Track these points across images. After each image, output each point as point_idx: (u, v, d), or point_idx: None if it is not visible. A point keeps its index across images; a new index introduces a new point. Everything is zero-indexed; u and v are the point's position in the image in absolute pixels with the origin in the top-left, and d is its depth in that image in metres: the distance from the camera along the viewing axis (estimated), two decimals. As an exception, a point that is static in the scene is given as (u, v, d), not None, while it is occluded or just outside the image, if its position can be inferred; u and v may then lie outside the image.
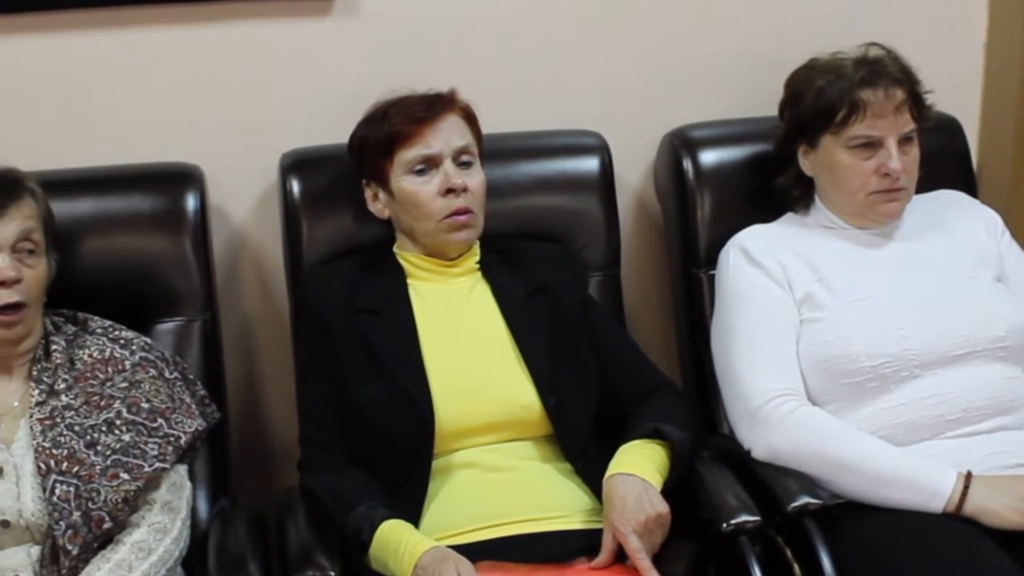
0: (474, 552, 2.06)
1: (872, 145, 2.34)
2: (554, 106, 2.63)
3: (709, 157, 2.57)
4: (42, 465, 2.06)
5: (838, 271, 2.37)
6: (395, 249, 2.36)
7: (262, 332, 2.62)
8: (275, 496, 2.42)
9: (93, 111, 2.50)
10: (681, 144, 2.58)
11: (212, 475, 2.33)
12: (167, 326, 2.38)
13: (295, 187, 2.43)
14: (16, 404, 2.15)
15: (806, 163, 2.43)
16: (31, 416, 2.11)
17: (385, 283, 2.30)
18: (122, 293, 2.35)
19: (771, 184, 2.50)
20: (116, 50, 2.49)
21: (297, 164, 2.45)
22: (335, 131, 2.40)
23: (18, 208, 2.14)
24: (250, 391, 2.63)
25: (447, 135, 2.28)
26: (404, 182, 2.28)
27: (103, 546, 2.07)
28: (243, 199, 2.57)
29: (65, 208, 2.28)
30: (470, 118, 2.34)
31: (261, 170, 2.52)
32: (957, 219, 2.48)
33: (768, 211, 2.50)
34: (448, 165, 2.27)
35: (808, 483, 2.20)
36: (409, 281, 2.31)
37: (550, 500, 2.17)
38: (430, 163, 2.27)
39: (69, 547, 2.03)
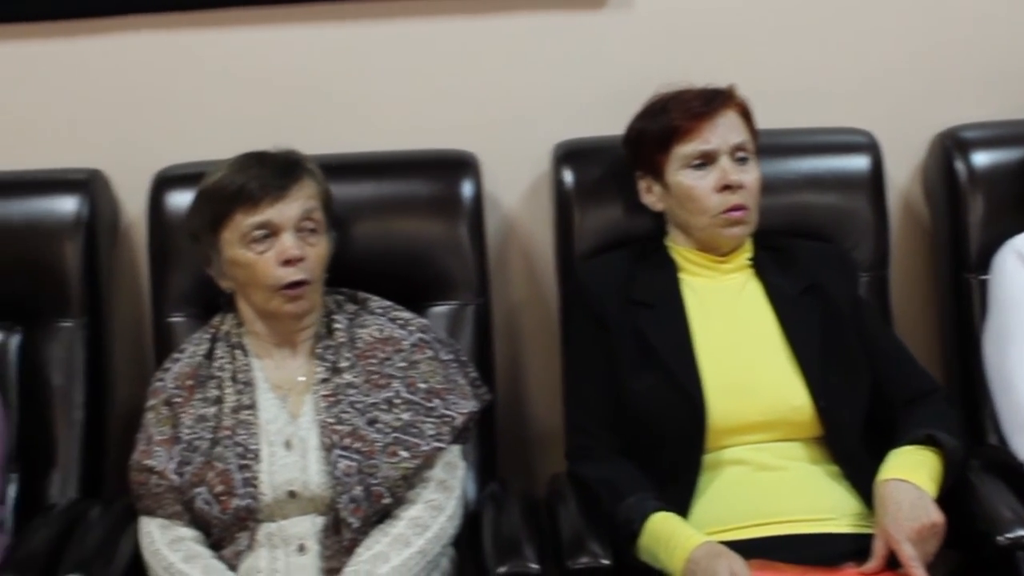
0: (742, 549, 2.06)
1: None
2: (824, 103, 2.61)
3: (982, 159, 2.52)
4: (326, 440, 2.14)
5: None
6: (667, 242, 2.37)
7: (528, 319, 2.66)
8: (534, 481, 2.48)
9: (378, 99, 2.59)
10: (953, 145, 2.53)
11: (480, 457, 2.39)
12: (441, 309, 2.44)
13: (568, 177, 2.47)
14: (301, 379, 2.23)
15: (1090, 166, 2.37)
16: (316, 392, 2.19)
17: (658, 276, 2.31)
18: (399, 275, 2.42)
19: (1049, 188, 2.44)
20: (398, 41, 2.57)
21: (571, 154, 2.49)
22: (607, 122, 2.43)
23: (300, 189, 2.21)
24: (514, 377, 2.66)
25: (725, 131, 2.28)
26: (680, 176, 2.29)
27: (381, 520, 2.14)
28: (514, 187, 2.61)
29: (348, 191, 2.36)
30: (746, 114, 2.33)
31: (533, 159, 2.57)
32: None
33: (1044, 216, 2.44)
34: (725, 161, 2.27)
35: (1089, 498, 2.14)
36: (681, 275, 2.32)
37: (819, 502, 2.16)
38: (707, 158, 2.28)
39: (351, 520, 2.11)
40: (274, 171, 2.21)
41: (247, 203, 2.17)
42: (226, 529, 2.13)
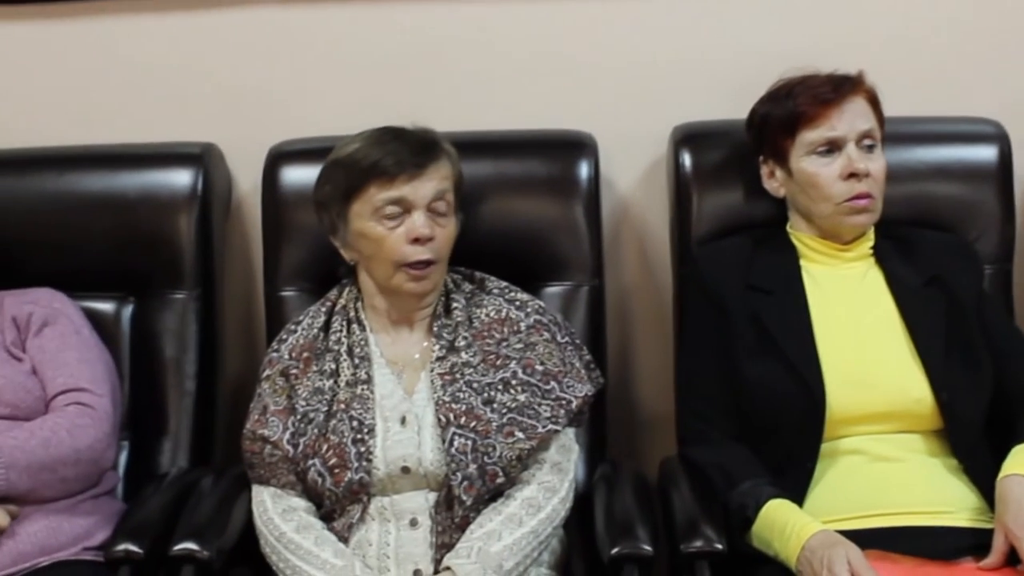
0: (858, 539, 2.04)
1: None
2: (949, 92, 2.57)
3: (1113, 151, 2.46)
4: (442, 417, 2.14)
5: None
6: (788, 228, 2.34)
7: (639, 302, 2.64)
8: (643, 464, 2.46)
9: (496, 78, 2.59)
10: (1084, 137, 2.48)
11: (591, 439, 2.38)
12: (555, 290, 2.43)
13: (687, 160, 2.44)
14: (417, 356, 2.23)
15: None
16: (432, 370, 2.19)
17: (778, 262, 2.29)
18: (514, 254, 2.42)
19: None
20: (518, 19, 2.57)
21: (689, 137, 2.47)
22: (726, 106, 2.41)
23: (436, 169, 2.21)
24: (625, 360, 2.65)
25: (852, 118, 2.25)
26: (805, 163, 2.26)
27: (493, 499, 2.14)
28: (630, 170, 2.60)
29: (465, 169, 2.33)
30: (874, 101, 2.29)
31: (650, 142, 2.55)
32: None
33: None
34: (851, 149, 2.24)
35: None
36: (802, 262, 2.29)
37: (937, 495, 2.13)
38: (833, 145, 2.24)
39: (464, 497, 2.10)
40: (412, 148, 2.20)
41: (383, 178, 2.17)
42: (338, 501, 2.14)
